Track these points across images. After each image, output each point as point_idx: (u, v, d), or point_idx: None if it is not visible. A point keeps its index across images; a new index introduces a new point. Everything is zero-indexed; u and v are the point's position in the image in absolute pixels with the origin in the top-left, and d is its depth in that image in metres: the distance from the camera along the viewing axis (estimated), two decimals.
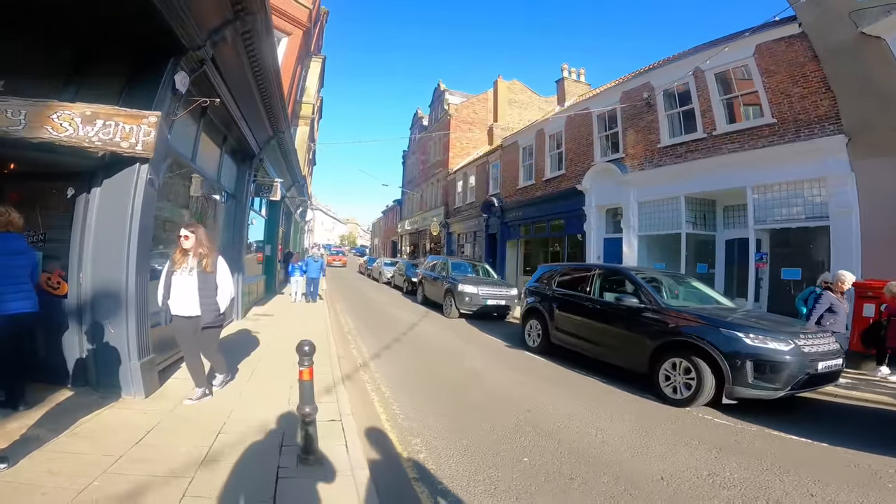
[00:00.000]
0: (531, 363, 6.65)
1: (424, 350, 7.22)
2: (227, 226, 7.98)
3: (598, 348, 6.07)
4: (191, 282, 3.70)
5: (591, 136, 13.12)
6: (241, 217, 8.30)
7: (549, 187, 14.83)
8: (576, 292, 6.70)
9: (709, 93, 9.85)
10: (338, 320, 9.86)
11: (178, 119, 4.70)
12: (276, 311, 9.86)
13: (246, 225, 8.56)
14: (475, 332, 9.10)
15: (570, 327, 6.62)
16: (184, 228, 3.76)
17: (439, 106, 28.87)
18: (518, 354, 7.23)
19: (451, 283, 11.11)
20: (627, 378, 5.58)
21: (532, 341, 7.47)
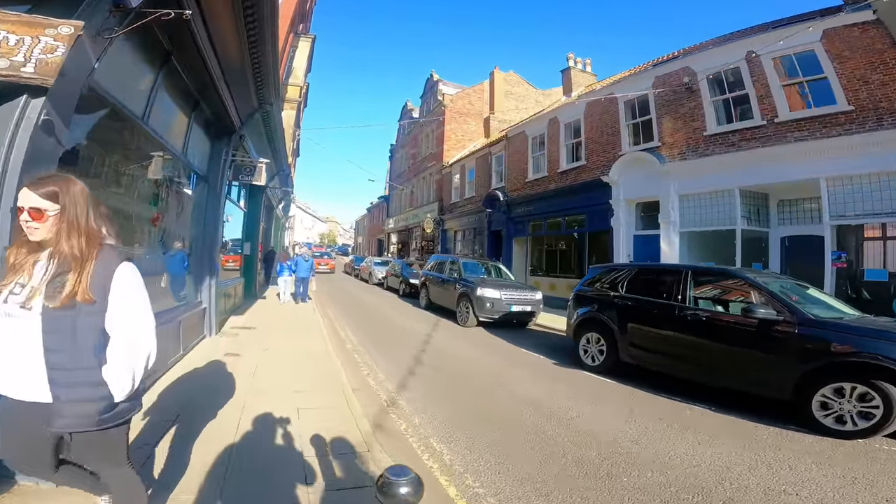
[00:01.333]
0: (604, 389, 5.17)
1: (460, 376, 5.60)
2: (196, 217, 6.13)
3: (701, 369, 4.71)
4: (27, 326, 1.37)
5: (618, 123, 11.84)
6: (214, 206, 6.43)
7: (565, 179, 13.47)
8: (662, 300, 5.25)
9: (766, 78, 8.85)
10: (335, 332, 8.11)
11: (119, 44, 3.01)
12: (259, 322, 8.01)
13: (221, 216, 6.68)
14: (506, 346, 7.55)
15: (653, 343, 5.20)
16: (30, 190, 1.40)
17: (432, 97, 27.25)
18: (577, 376, 5.74)
19: (466, 287, 9.52)
20: (735, 402, 4.50)
21: (591, 359, 6.00)
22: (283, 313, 9.38)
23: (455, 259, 11.05)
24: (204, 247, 6.09)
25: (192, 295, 5.92)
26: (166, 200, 4.91)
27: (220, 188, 6.51)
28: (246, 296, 10.77)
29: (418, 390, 4.93)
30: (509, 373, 5.86)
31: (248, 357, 5.46)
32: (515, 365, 6.35)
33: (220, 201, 6.56)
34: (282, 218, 21.91)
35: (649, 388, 5.15)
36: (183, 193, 5.56)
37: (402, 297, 14.68)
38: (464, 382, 5.34)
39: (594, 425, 4.00)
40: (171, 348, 4.72)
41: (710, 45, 10.69)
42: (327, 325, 8.62)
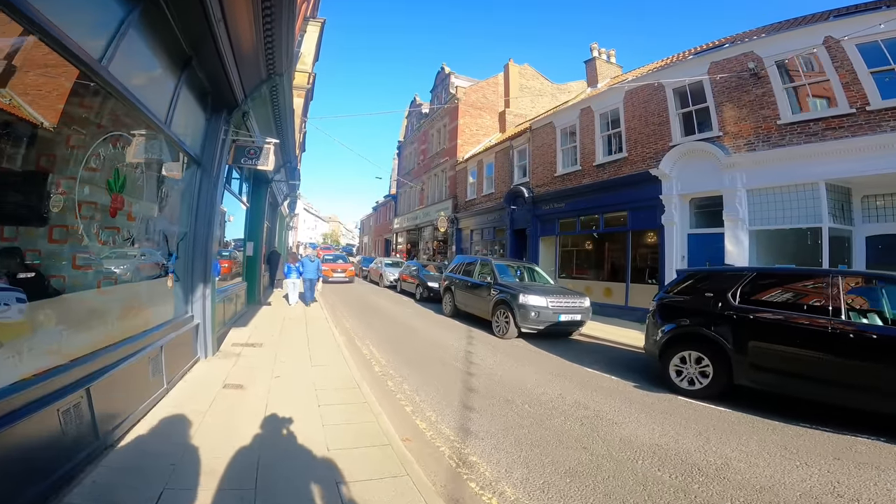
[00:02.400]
0: (729, 422, 4.10)
1: (531, 409, 4.27)
2: (186, 209, 4.82)
3: (868, 396, 3.56)
4: None
5: (666, 112, 10.54)
6: (209, 196, 5.09)
7: (602, 173, 12.14)
8: (804, 312, 3.96)
9: (851, 64, 7.69)
10: (357, 349, 6.78)
11: None
12: (265, 336, 6.70)
13: (217, 208, 5.33)
14: (563, 364, 6.22)
15: (795, 365, 4.01)
16: None
17: (443, 90, 25.97)
18: (677, 405, 4.59)
19: (505, 293, 8.20)
20: None
21: (689, 382, 4.87)
22: (292, 324, 8.07)
23: (486, 260, 9.72)
24: (196, 246, 4.78)
25: (181, 307, 4.62)
26: (140, 185, 3.60)
27: (216, 173, 5.19)
28: (249, 302, 9.48)
29: (488, 436, 3.63)
30: (590, 402, 4.58)
31: (255, 390, 4.15)
32: (590, 389, 5.07)
33: (217, 190, 5.22)
34: (286, 216, 20.63)
35: (781, 417, 4.20)
36: (166, 177, 4.25)
37: (420, 301, 13.37)
38: (540, 419, 4.05)
39: (765, 479, 2.80)
40: (143, 390, 3.40)
41: (777, 30, 9.55)
42: (345, 338, 7.31)
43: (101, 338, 2.97)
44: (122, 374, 3.00)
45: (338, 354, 5.94)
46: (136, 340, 3.33)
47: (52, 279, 2.56)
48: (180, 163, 4.72)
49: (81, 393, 2.56)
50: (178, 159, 4.63)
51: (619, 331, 9.11)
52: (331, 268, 18.57)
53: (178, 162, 4.65)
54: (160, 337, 3.77)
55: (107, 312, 3.09)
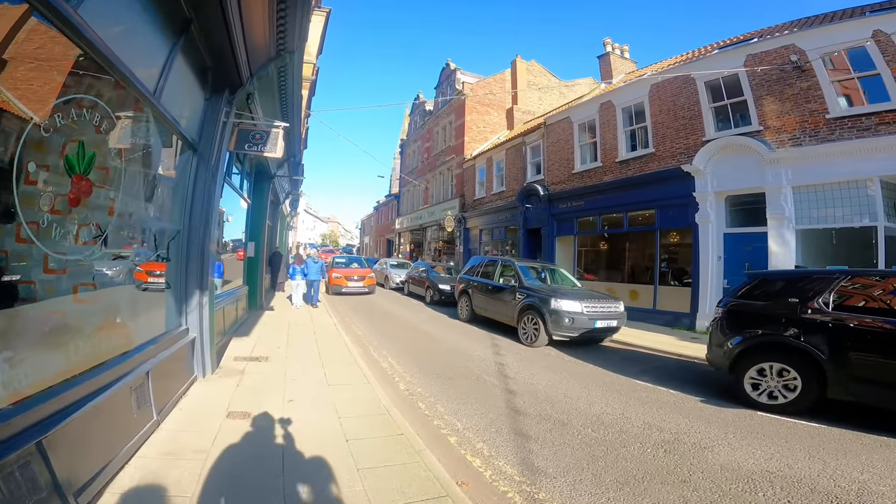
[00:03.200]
0: (828, 437, 3.52)
1: (596, 433, 3.54)
2: (179, 201, 4.07)
3: None
4: None
5: (697, 106, 9.89)
6: (206, 187, 4.32)
7: (626, 170, 11.46)
8: None
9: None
10: (374, 361, 6.03)
11: None
12: (271, 348, 5.95)
13: (215, 202, 4.56)
14: (607, 375, 5.49)
15: None
16: None
17: (448, 87, 25.24)
18: (761, 422, 4.00)
19: (534, 298, 7.48)
20: None
21: (769, 396, 4.36)
22: (299, 331, 7.32)
23: (508, 261, 8.99)
24: (191, 246, 4.03)
25: (173, 319, 3.87)
26: (119, 170, 2.86)
27: (215, 160, 4.44)
28: (250, 307, 8.72)
29: (560, 474, 2.95)
30: (661, 422, 3.98)
31: (267, 420, 3.41)
32: (652, 406, 4.44)
33: (216, 181, 4.45)
34: (288, 215, 19.85)
35: (881, 431, 3.74)
36: (154, 161, 3.52)
37: (431, 305, 12.63)
38: (614, 447, 3.40)
39: None
40: (126, 429, 2.65)
41: (820, 21, 8.96)
42: (359, 349, 6.56)
43: (65, 366, 2.23)
44: (95, 414, 2.26)
45: (355, 369, 5.20)
46: (114, 366, 2.58)
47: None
48: (173, 147, 3.99)
49: (31, 449, 1.83)
50: (170, 143, 3.90)
51: (651, 336, 8.42)
52: (343, 275, 14.48)
53: (170, 146, 3.92)
54: (147, 359, 3.03)
55: (72, 332, 2.35)
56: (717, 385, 5.21)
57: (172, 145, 3.99)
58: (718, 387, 5.14)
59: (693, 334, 8.92)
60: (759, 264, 8.63)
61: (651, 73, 11.76)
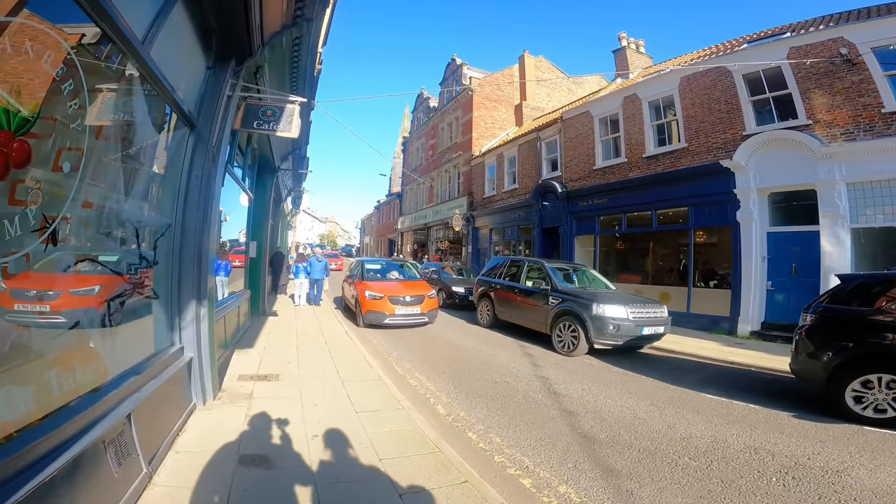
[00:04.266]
0: None
1: (727, 475, 2.78)
2: (171, 192, 3.27)
3: None
4: None
5: (736, 99, 9.23)
6: (206, 172, 3.49)
7: (654, 166, 10.75)
8: None
9: None
10: (400, 378, 5.23)
11: None
12: (280, 362, 5.15)
13: (216, 190, 3.71)
14: (674, 391, 4.76)
15: None
16: None
17: (454, 83, 24.47)
18: (876, 436, 3.44)
19: (571, 303, 6.72)
20: None
21: (877, 409, 3.83)
22: (308, 341, 6.52)
23: (537, 262, 8.22)
24: (186, 246, 3.23)
25: (164, 337, 3.09)
26: (80, 136, 2.06)
27: (217, 140, 3.65)
28: (252, 312, 7.91)
29: None
30: (766, 445, 3.41)
31: (290, 466, 2.63)
32: (743, 425, 3.79)
33: (217, 165, 3.64)
34: (289, 214, 19.00)
35: None
36: (138, 135, 2.73)
37: (444, 308, 11.82)
38: (730, 481, 2.79)
39: None
40: (102, 499, 1.86)
41: (870, 16, 8.36)
42: (379, 362, 5.77)
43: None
44: (42, 497, 1.47)
45: (381, 388, 4.42)
46: (76, 415, 1.79)
47: None
48: (164, 120, 3.20)
49: None
50: (160, 114, 3.11)
51: (691, 342, 7.74)
52: (387, 293, 8.31)
53: (160, 118, 3.13)
54: (128, 394, 2.25)
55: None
56: (797, 397, 4.69)
57: (164, 118, 3.20)
58: (799, 399, 4.61)
59: (737, 339, 8.27)
60: (808, 265, 7.98)
61: (683, 65, 11.07)
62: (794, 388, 4.88)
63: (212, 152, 3.64)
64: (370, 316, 8.09)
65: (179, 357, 3.24)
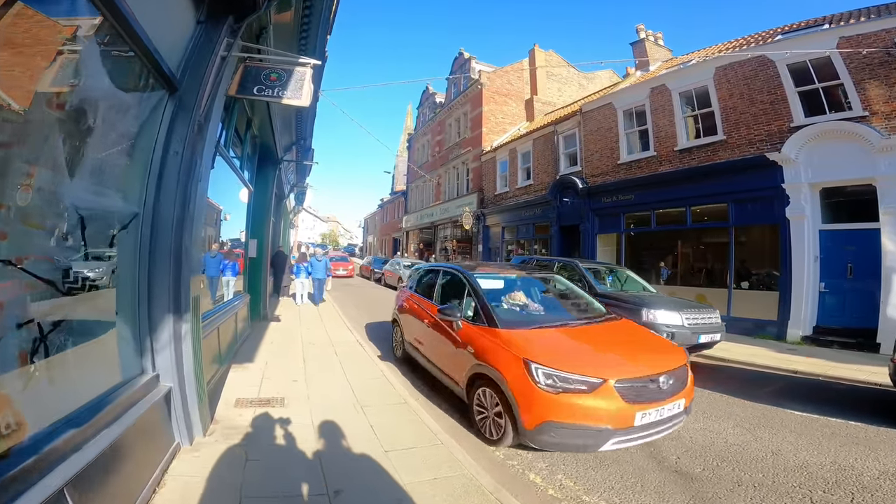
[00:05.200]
0: None
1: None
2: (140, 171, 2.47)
3: None
4: None
5: (781, 90, 8.47)
6: (189, 147, 2.68)
7: (688, 159, 9.94)
8: None
9: None
10: (427, 398, 4.44)
11: None
12: (285, 382, 4.35)
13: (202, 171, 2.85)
14: (754, 408, 4.09)
15: None
16: None
17: (462, 77, 23.71)
18: None
19: (614, 308, 5.91)
20: None
21: None
22: (317, 353, 5.72)
23: (570, 263, 7.42)
24: (158, 242, 2.43)
25: (132, 363, 2.32)
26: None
27: (205, 110, 2.85)
28: (253, 317, 7.12)
29: None
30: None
31: None
32: (856, 445, 3.14)
33: (204, 139, 2.84)
34: (291, 211, 18.23)
35: None
36: (95, 91, 1.94)
37: None
38: None
39: None
40: None
41: None
42: (397, 375, 4.97)
43: None
44: None
45: (409, 416, 3.62)
46: None
47: None
48: (134, 78, 2.41)
49: None
50: (129, 69, 2.33)
51: (740, 349, 6.99)
52: (606, 369, 2.94)
53: (129, 74, 2.34)
54: (59, 457, 1.44)
55: None
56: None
57: (134, 74, 2.41)
58: None
59: (788, 345, 7.51)
60: (866, 265, 7.22)
61: (715, 55, 10.28)
62: (887, 400, 4.22)
63: (197, 122, 2.83)
64: (560, 432, 2.79)
65: (154, 387, 2.46)
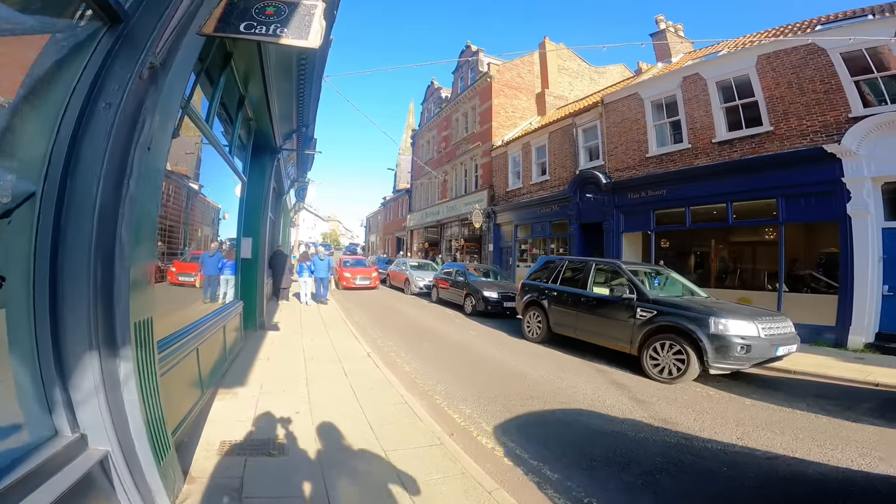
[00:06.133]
0: None
1: None
2: (39, 131, 1.58)
3: None
4: None
5: (835, 79, 7.69)
6: (133, 103, 1.77)
7: (728, 152, 9.06)
8: None
9: None
10: (463, 432, 3.53)
11: None
12: (283, 415, 3.44)
13: (153, 143, 1.92)
14: (869, 432, 3.15)
15: None
16: None
17: (469, 71, 22.83)
18: None
19: (676, 317, 5.07)
20: None
21: None
22: (322, 371, 4.82)
23: (612, 264, 6.53)
24: (75, 242, 1.52)
25: (37, 421, 1.39)
26: None
27: (162, 48, 1.93)
28: (247, 326, 6.20)
29: None
30: None
31: None
32: None
33: (159, 89, 1.91)
34: (292, 209, 17.33)
35: None
36: None
37: (475, 317, 10.13)
38: None
39: None
40: None
41: None
42: (422, 400, 4.07)
43: None
44: None
45: (451, 467, 2.72)
46: None
47: None
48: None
49: None
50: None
51: (803, 358, 6.17)
52: None
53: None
54: None
55: None
56: None
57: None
58: None
59: (855, 354, 6.71)
60: None
61: (759, 44, 9.39)
62: None
63: (148, 64, 1.88)
64: None
65: (79, 453, 1.57)
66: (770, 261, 8.43)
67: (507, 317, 10.05)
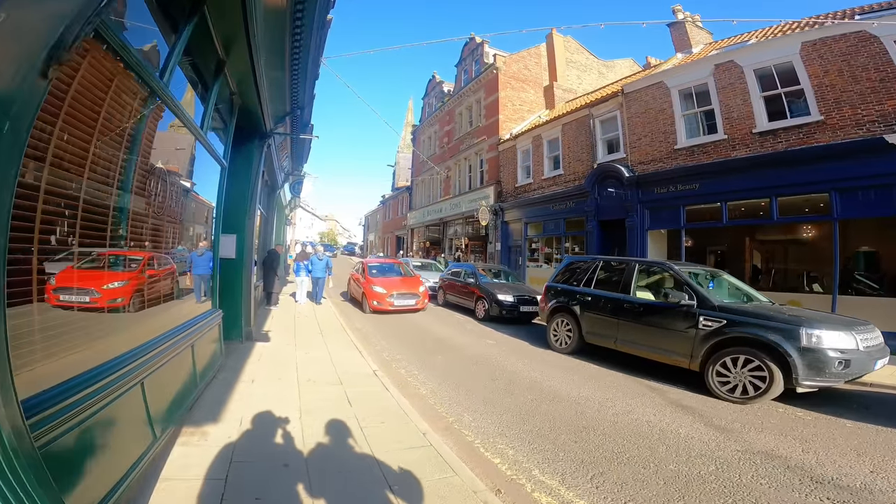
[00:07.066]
0: None
1: None
2: None
3: None
4: None
5: (891, 66, 6.96)
6: None
7: (771, 143, 8.20)
8: None
9: None
10: (515, 486, 2.62)
11: None
12: (264, 476, 2.50)
13: None
14: None
15: None
16: None
17: (473, 63, 21.93)
18: None
19: (751, 327, 4.19)
20: None
21: None
22: (320, 399, 3.89)
23: (662, 265, 5.61)
24: None
25: None
26: None
27: None
28: (230, 338, 5.23)
29: None
30: None
31: None
32: None
33: None
34: (287, 205, 16.35)
35: None
36: None
37: (487, 322, 9.21)
38: None
39: None
40: None
41: None
42: (448, 437, 3.16)
43: None
44: None
45: None
46: None
47: None
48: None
49: None
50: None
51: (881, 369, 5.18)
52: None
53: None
54: None
55: None
56: None
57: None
58: None
59: None
60: None
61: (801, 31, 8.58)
62: None
63: None
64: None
65: None
66: (823, 261, 7.57)
67: (522, 322, 9.15)
